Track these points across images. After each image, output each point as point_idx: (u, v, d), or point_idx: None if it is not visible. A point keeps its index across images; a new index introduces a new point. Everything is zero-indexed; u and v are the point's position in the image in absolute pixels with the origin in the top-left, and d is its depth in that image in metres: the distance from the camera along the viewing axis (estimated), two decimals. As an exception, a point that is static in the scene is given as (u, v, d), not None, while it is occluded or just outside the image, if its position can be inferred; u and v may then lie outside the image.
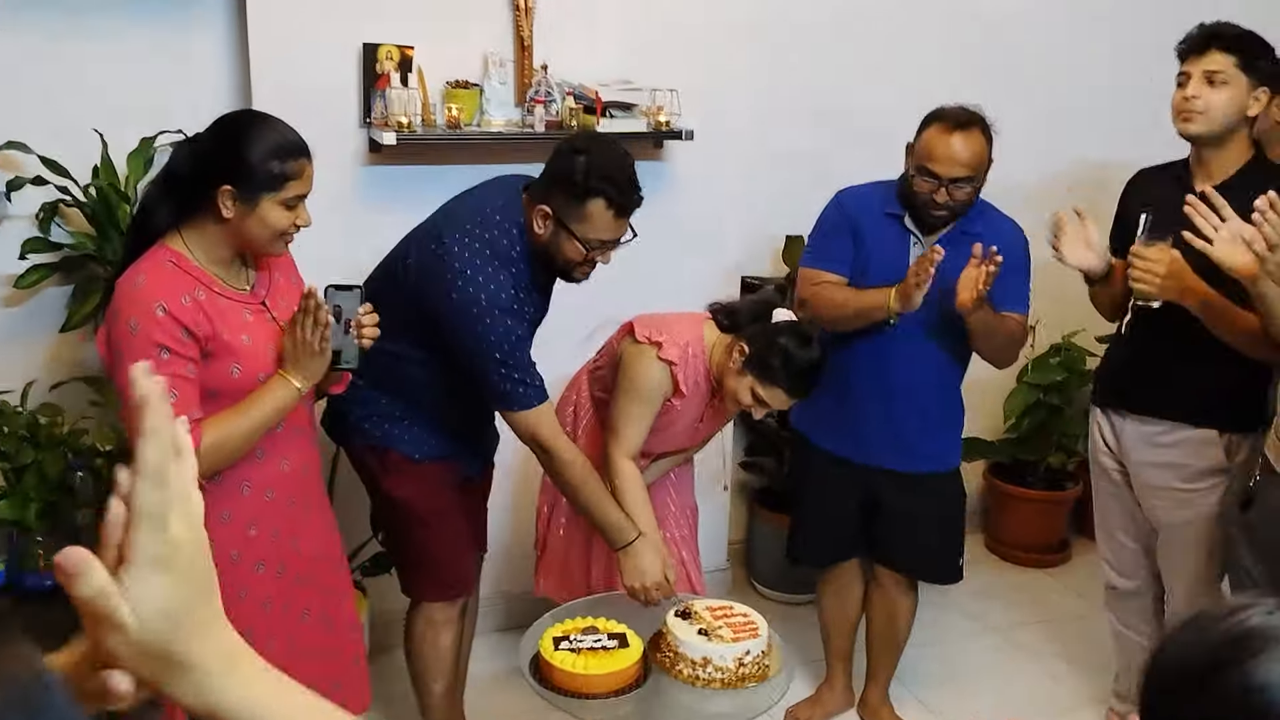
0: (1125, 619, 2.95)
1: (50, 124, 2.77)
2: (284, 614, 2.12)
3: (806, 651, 3.41)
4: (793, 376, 2.41)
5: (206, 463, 1.90)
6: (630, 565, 2.43)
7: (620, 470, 2.53)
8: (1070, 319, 4.03)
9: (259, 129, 1.94)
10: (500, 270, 2.28)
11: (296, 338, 1.99)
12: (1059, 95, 4.02)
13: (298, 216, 1.99)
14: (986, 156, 2.59)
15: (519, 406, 2.33)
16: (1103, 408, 2.78)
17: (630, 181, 2.28)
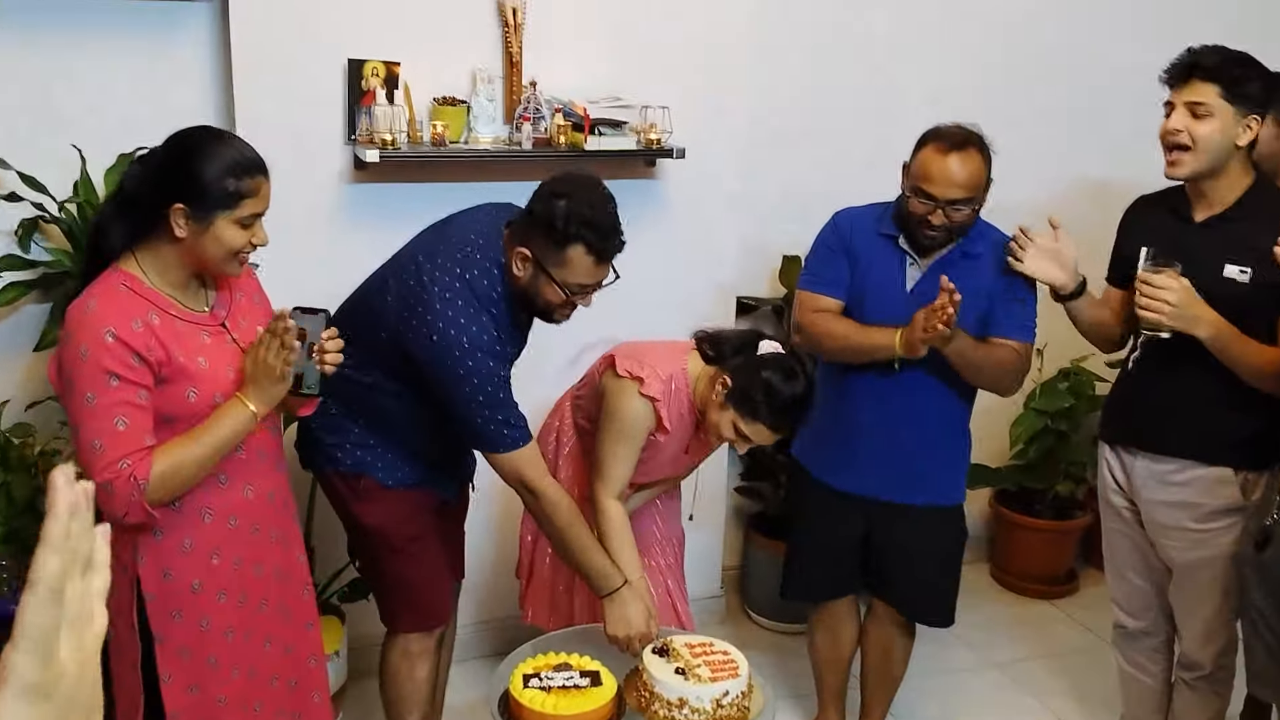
0: (1133, 659, 2.84)
1: (29, 140, 2.73)
2: (245, 643, 2.06)
3: (799, 684, 3.33)
4: (775, 412, 2.33)
5: (159, 493, 1.85)
6: (615, 614, 2.36)
7: (606, 512, 2.45)
8: (1079, 343, 3.88)
9: (212, 145, 1.88)
10: (481, 312, 2.22)
11: (259, 359, 1.92)
12: (1064, 112, 3.93)
13: (254, 235, 1.93)
14: (985, 177, 2.51)
15: (503, 449, 2.27)
16: (1111, 444, 2.67)
17: (612, 227, 2.22)
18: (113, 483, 1.80)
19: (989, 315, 2.58)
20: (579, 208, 2.17)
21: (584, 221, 2.17)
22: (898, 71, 3.66)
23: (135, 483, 1.81)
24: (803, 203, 2.95)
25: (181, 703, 1.99)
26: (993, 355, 2.56)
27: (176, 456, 1.87)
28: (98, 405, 1.81)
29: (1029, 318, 2.62)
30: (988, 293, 2.57)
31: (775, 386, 2.32)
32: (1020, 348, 2.59)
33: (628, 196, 3.22)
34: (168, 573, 1.95)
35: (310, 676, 2.23)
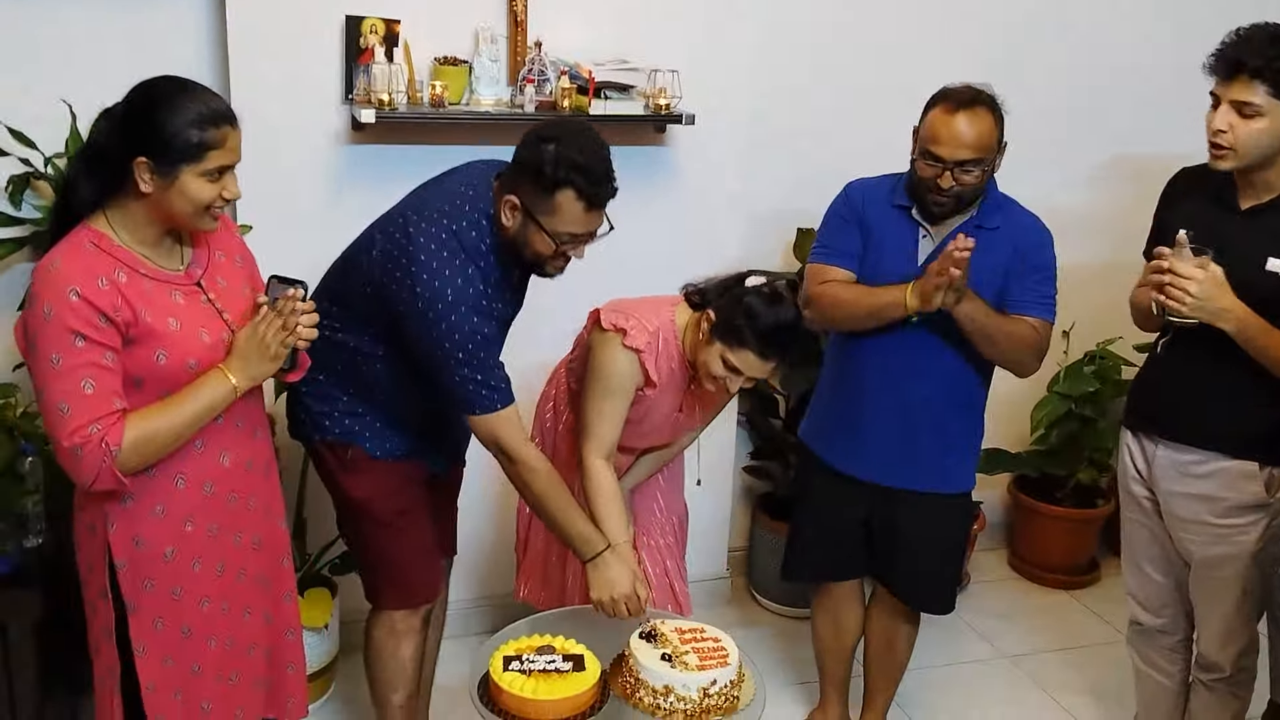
0: (1149, 658, 2.73)
1: (20, 95, 2.67)
2: (223, 613, 2.01)
3: (804, 671, 3.24)
4: (761, 336, 2.25)
5: (131, 461, 1.79)
6: (598, 578, 2.29)
7: (591, 473, 2.38)
8: (1106, 326, 3.80)
9: (176, 96, 1.80)
10: (467, 264, 2.13)
11: (259, 334, 1.88)
12: (1096, 82, 3.78)
13: (224, 189, 1.84)
14: (995, 137, 2.39)
15: (480, 410, 2.18)
16: (1134, 430, 2.55)
17: (604, 172, 2.10)
18: (81, 447, 1.74)
19: (1005, 292, 2.47)
20: (568, 151, 2.06)
21: (573, 165, 2.06)
22: (920, 33, 3.51)
23: (106, 448, 1.75)
24: (819, 173, 2.82)
25: (156, 674, 1.95)
26: (1008, 327, 2.44)
27: (151, 424, 1.81)
28: (63, 366, 1.75)
29: (1048, 295, 2.50)
30: (1004, 269, 2.46)
31: (757, 310, 2.25)
32: (1039, 325, 2.47)
33: (635, 164, 3.15)
34: (139, 540, 1.89)
35: (286, 648, 2.17)
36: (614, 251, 3.12)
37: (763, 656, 3.32)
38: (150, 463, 1.84)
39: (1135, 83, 3.80)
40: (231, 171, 1.85)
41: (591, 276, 2.78)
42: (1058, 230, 2.54)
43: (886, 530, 2.67)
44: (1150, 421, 2.50)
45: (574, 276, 2.73)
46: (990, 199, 2.48)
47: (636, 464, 2.61)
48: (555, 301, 2.59)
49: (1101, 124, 3.83)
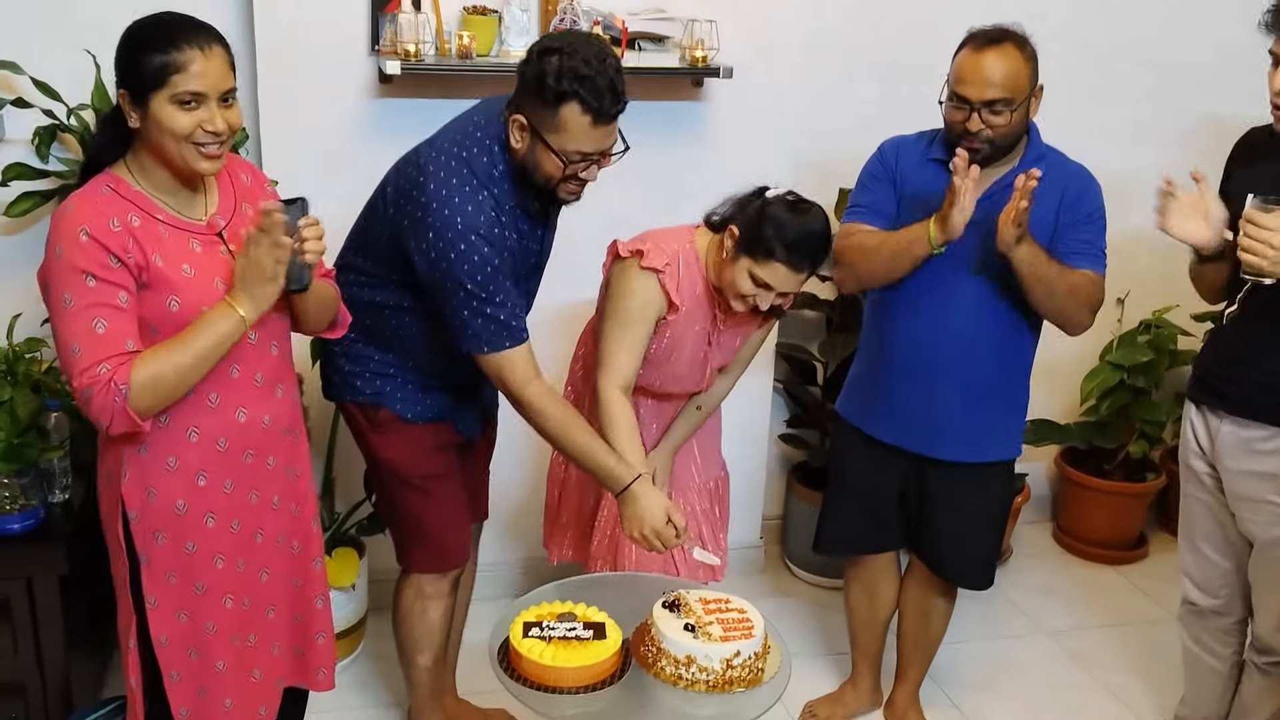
0: (1200, 639, 2.63)
1: (47, 46, 2.65)
2: (239, 572, 1.99)
3: (836, 641, 3.18)
4: (789, 246, 2.19)
5: (143, 400, 1.75)
6: (628, 513, 2.22)
7: (608, 402, 2.30)
8: (1162, 294, 3.66)
9: (149, 25, 1.77)
10: (479, 190, 2.06)
11: (250, 258, 1.79)
12: (1159, 43, 3.61)
13: (204, 119, 1.75)
14: (1026, 76, 2.27)
15: (487, 348, 2.11)
16: (1197, 404, 2.44)
17: (610, 84, 1.99)
18: (92, 387, 1.72)
19: (1055, 243, 2.36)
20: (571, 62, 1.97)
21: (577, 76, 1.96)
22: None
23: (116, 388, 1.71)
24: (863, 131, 2.71)
25: (168, 628, 1.93)
26: (1067, 276, 2.32)
27: (159, 362, 1.76)
28: (74, 306, 1.73)
29: (1099, 246, 2.38)
30: (1052, 219, 2.36)
31: (783, 219, 2.19)
32: (1093, 276, 2.36)
33: (671, 119, 3.06)
34: (151, 491, 1.87)
35: (316, 615, 2.15)
36: (648, 209, 3.06)
37: (794, 626, 3.26)
38: (166, 402, 1.79)
39: (1201, 44, 3.64)
40: (211, 101, 1.75)
41: (628, 231, 2.72)
42: (1115, 194, 2.43)
43: (922, 500, 2.58)
44: (1215, 394, 2.39)
45: (608, 234, 2.68)
46: (1033, 148, 2.38)
47: (677, 421, 2.55)
48: (589, 260, 2.52)
49: (1164, 86, 3.67)
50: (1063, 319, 2.39)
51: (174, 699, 1.96)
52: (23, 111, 2.61)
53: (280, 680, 2.11)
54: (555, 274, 2.42)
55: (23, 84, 2.61)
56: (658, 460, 2.55)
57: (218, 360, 1.83)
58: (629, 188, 3.00)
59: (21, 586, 2.35)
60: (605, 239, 2.62)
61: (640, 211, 3.03)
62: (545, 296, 2.44)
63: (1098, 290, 2.37)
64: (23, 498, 2.36)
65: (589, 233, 2.61)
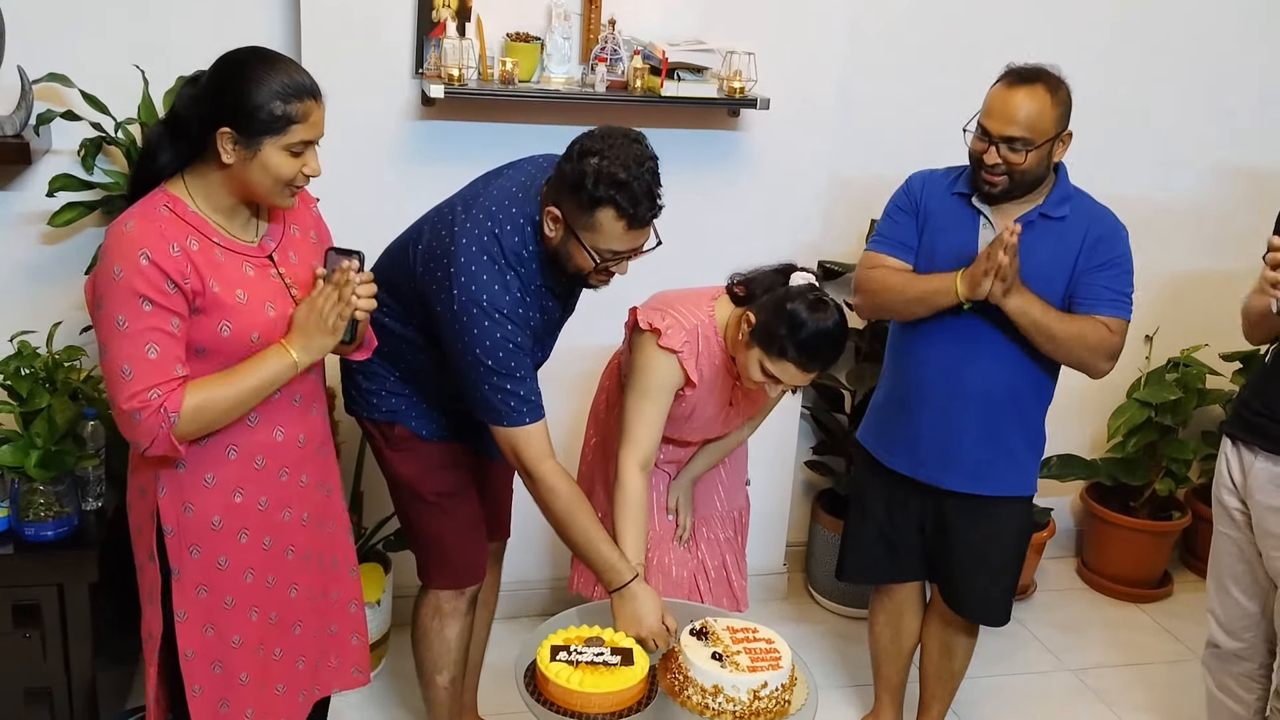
0: (1223, 682, 2.60)
1: (93, 59, 2.69)
2: (268, 588, 2.00)
3: (858, 673, 3.17)
4: (801, 347, 2.15)
5: (188, 428, 1.79)
6: (625, 611, 2.17)
7: (623, 480, 2.30)
8: (1192, 332, 3.66)
9: (262, 67, 1.78)
10: (506, 270, 2.07)
11: (316, 308, 1.86)
12: (1202, 83, 3.62)
13: (305, 165, 1.83)
14: (1052, 119, 2.28)
15: (506, 422, 2.12)
16: (1233, 439, 2.43)
17: (647, 190, 2.00)
18: (140, 411, 1.74)
19: (1075, 287, 2.37)
20: (610, 167, 1.97)
21: (615, 183, 1.97)
22: (1012, 23, 3.38)
23: (165, 414, 1.75)
24: (897, 163, 2.72)
25: (195, 641, 1.95)
26: (1071, 325, 2.34)
27: (210, 394, 1.80)
28: (128, 329, 1.75)
29: (1124, 292, 2.38)
30: (1073, 261, 2.36)
31: (800, 319, 2.14)
32: (1111, 323, 2.36)
33: (707, 148, 3.08)
34: (188, 506, 1.89)
35: (350, 621, 2.18)
36: (682, 237, 3.05)
37: (816, 655, 3.25)
38: (207, 432, 1.84)
39: (1243, 85, 3.64)
40: (313, 147, 1.83)
41: (658, 263, 2.72)
42: (1148, 231, 2.43)
43: (940, 533, 2.58)
44: (1250, 430, 2.38)
45: (640, 264, 2.69)
46: (1059, 188, 2.38)
47: (697, 455, 2.55)
48: (619, 290, 2.52)
49: (1203, 126, 3.67)
50: (1073, 364, 2.41)
51: (195, 712, 1.97)
52: (70, 123, 2.66)
53: (303, 694, 2.12)
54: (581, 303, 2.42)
55: (72, 96, 2.65)
56: (679, 491, 2.56)
57: (264, 398, 1.87)
58: (664, 216, 3.01)
59: (53, 593, 2.37)
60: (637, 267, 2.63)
61: (672, 239, 3.04)
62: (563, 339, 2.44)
63: (1114, 336, 2.37)
64: (57, 505, 2.38)
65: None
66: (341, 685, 2.19)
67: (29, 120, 2.60)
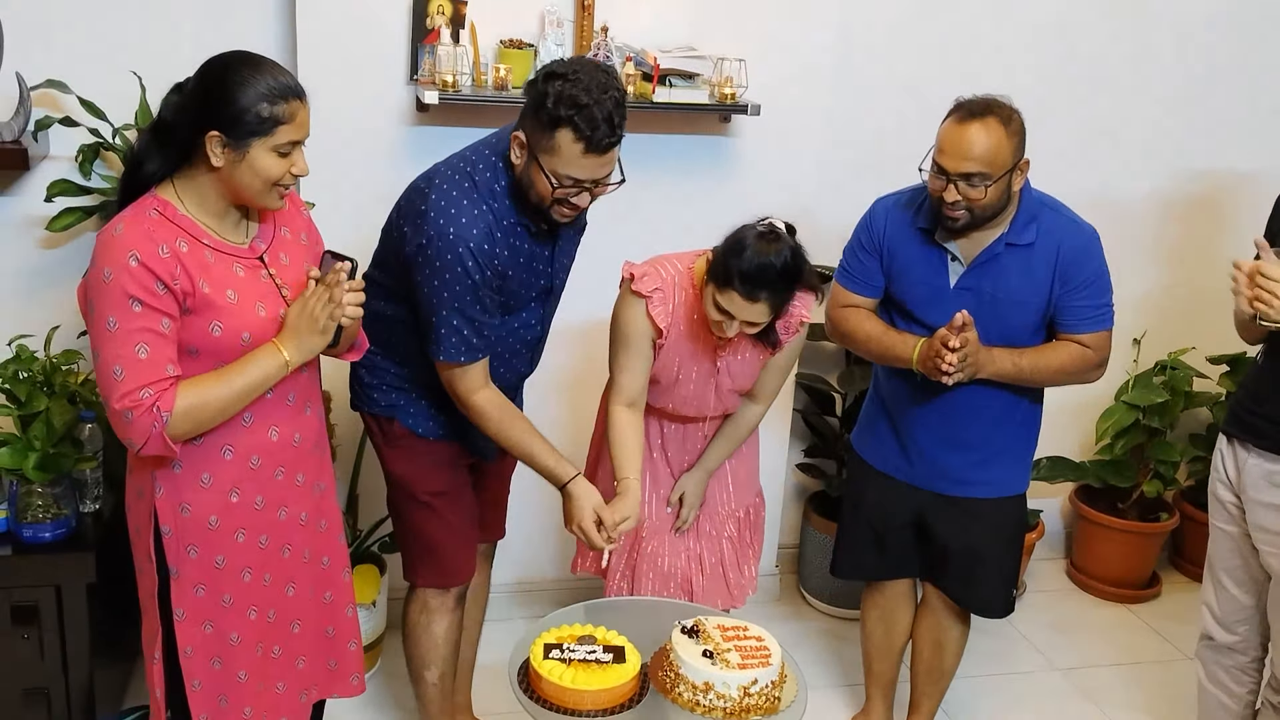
0: (1214, 675, 2.64)
1: (92, 66, 2.72)
2: (265, 586, 2.03)
3: (850, 673, 3.20)
4: (744, 274, 2.18)
5: (180, 427, 1.81)
6: (566, 507, 2.31)
7: (611, 416, 2.40)
8: (1179, 335, 3.70)
9: (246, 70, 1.81)
10: (478, 203, 2.11)
11: (307, 308, 1.88)
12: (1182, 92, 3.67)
13: (293, 165, 1.86)
14: (1009, 151, 2.25)
15: (444, 357, 2.18)
16: (1229, 437, 2.48)
17: (608, 116, 2.01)
18: (132, 411, 1.76)
19: (1054, 312, 2.40)
20: (573, 90, 1.99)
21: (575, 104, 1.99)
22: (1000, 30, 3.42)
23: (157, 413, 1.77)
24: (888, 168, 2.76)
25: (194, 639, 1.97)
26: (1053, 362, 2.40)
27: (202, 393, 1.82)
28: (119, 330, 1.77)
29: (1100, 304, 2.41)
30: (1044, 285, 2.38)
31: (743, 245, 2.18)
32: (1092, 340, 2.40)
33: (699, 153, 3.12)
34: (185, 506, 1.91)
35: (346, 625, 2.20)
36: (672, 240, 3.10)
37: (808, 656, 3.28)
38: (199, 431, 1.86)
39: (1231, 89, 3.69)
40: (300, 148, 1.86)
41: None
42: (1136, 235, 2.45)
43: (936, 535, 2.61)
44: (1244, 428, 2.43)
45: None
46: (1023, 212, 2.37)
47: (707, 450, 2.58)
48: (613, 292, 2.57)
49: (1191, 130, 3.72)
50: (1068, 384, 2.48)
51: (195, 707, 2.00)
52: (67, 129, 2.68)
53: (304, 694, 2.14)
54: (577, 296, 2.49)
55: (70, 103, 2.68)
56: (690, 484, 2.59)
57: (256, 397, 1.89)
58: (655, 217, 3.06)
59: (51, 594, 2.39)
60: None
61: (666, 241, 3.07)
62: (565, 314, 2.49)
63: (1096, 352, 2.42)
64: (55, 507, 2.41)
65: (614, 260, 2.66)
66: (341, 692, 2.21)
67: (27, 126, 2.62)
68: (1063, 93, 2.33)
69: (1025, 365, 2.38)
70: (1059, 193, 2.50)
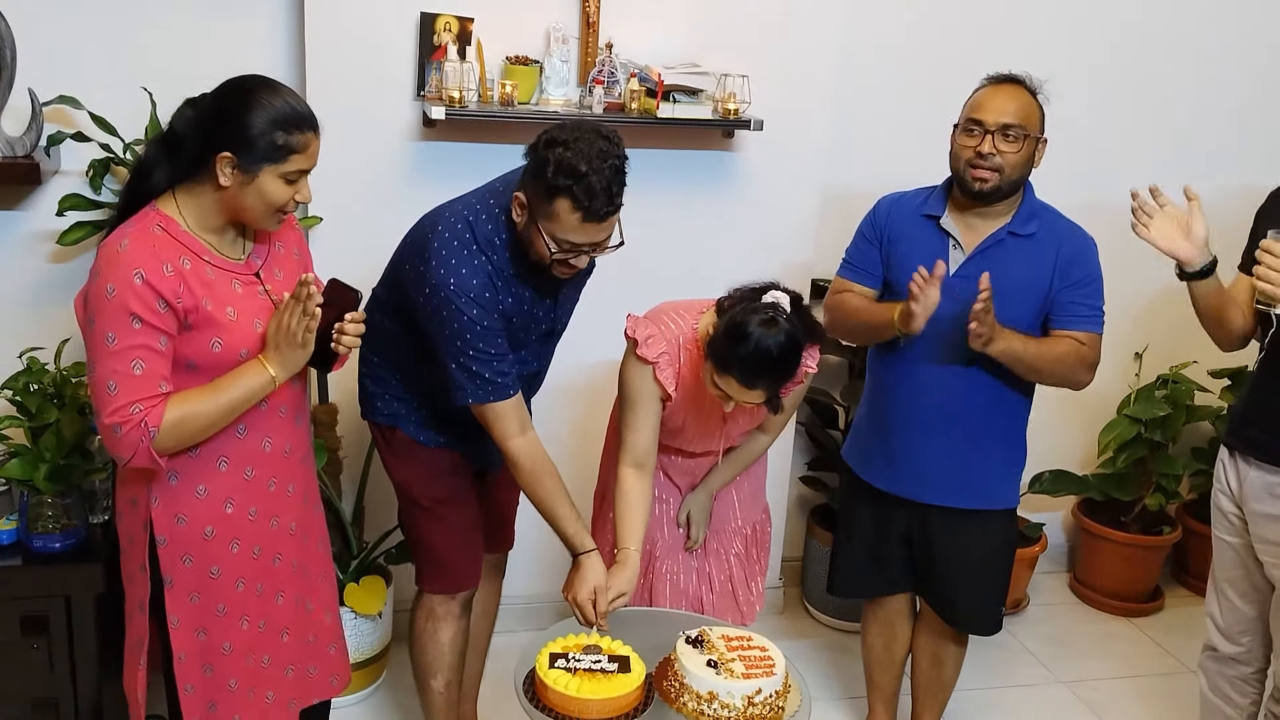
0: (1218, 685, 2.64)
1: (102, 81, 2.75)
2: (258, 595, 2.04)
3: (853, 685, 3.20)
4: (744, 363, 2.16)
5: (167, 442, 1.82)
6: (571, 577, 2.30)
7: (620, 480, 2.40)
8: (1182, 349, 3.71)
9: (265, 96, 1.83)
10: (477, 254, 2.14)
11: (283, 324, 1.89)
12: (1192, 101, 3.69)
13: (297, 191, 1.89)
14: (1036, 116, 2.40)
15: (472, 400, 2.20)
16: (1230, 449, 2.49)
17: (606, 187, 2.03)
18: (122, 426, 1.78)
19: (1050, 305, 2.43)
20: (573, 159, 2.01)
21: (574, 174, 2.01)
22: (1004, 40, 3.45)
23: (145, 429, 1.79)
24: (891, 182, 2.78)
25: (189, 646, 1.99)
26: (1052, 351, 2.41)
27: (190, 408, 1.84)
28: (117, 346, 1.79)
29: (1096, 307, 2.45)
30: (1046, 279, 2.42)
31: (743, 334, 2.15)
32: (1085, 338, 2.42)
33: (702, 168, 3.15)
34: (180, 517, 1.93)
35: (325, 630, 2.21)
36: (677, 256, 3.14)
37: (812, 669, 3.29)
38: (186, 445, 1.87)
39: (1236, 101, 3.72)
40: (306, 176, 1.89)
41: (654, 280, 2.80)
42: (1138, 248, 2.47)
43: (926, 548, 2.62)
44: (1244, 440, 2.44)
45: (637, 280, 2.76)
46: (1026, 205, 2.45)
47: (717, 468, 2.58)
48: (623, 305, 2.59)
49: (1195, 142, 3.75)
50: (1056, 384, 2.48)
51: (186, 712, 2.02)
52: (79, 145, 2.72)
53: (293, 703, 2.16)
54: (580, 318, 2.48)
55: (81, 118, 2.71)
56: (694, 504, 2.60)
57: (243, 412, 1.91)
58: (660, 234, 3.08)
59: (60, 604, 2.41)
60: (635, 284, 2.69)
61: (667, 257, 3.11)
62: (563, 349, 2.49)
63: (1091, 351, 2.44)
64: (65, 518, 2.43)
65: (619, 277, 2.69)
66: (321, 694, 2.22)
67: (39, 141, 2.66)
68: (1070, 100, 2.37)
69: (1031, 348, 2.39)
70: (1060, 201, 2.55)
